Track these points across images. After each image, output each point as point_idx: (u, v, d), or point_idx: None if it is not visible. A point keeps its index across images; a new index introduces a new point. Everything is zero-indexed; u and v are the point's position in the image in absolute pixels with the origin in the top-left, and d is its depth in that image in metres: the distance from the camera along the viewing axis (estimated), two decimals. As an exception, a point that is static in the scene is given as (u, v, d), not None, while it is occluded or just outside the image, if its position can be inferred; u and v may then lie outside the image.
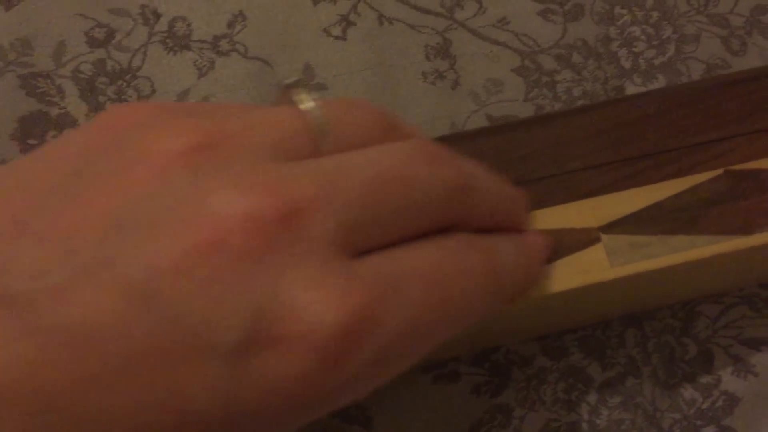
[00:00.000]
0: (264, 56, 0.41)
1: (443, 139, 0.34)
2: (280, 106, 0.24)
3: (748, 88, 0.35)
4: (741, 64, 0.44)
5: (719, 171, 0.33)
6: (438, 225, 0.25)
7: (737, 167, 0.33)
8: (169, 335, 0.19)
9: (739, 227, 0.32)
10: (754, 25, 0.45)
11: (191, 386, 0.19)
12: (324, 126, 0.23)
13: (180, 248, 0.19)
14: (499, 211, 0.28)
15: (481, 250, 0.25)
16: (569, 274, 0.31)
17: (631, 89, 0.43)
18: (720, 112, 0.34)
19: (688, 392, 0.38)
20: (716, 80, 0.35)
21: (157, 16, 0.42)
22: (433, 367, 0.38)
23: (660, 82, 0.43)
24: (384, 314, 0.22)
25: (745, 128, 0.34)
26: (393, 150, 0.24)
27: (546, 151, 0.33)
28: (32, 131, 0.39)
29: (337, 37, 0.43)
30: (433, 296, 0.23)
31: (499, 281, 0.26)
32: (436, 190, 0.24)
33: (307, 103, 0.24)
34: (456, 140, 0.34)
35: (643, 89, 0.43)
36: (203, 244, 0.19)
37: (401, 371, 0.25)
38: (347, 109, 0.25)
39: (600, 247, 0.32)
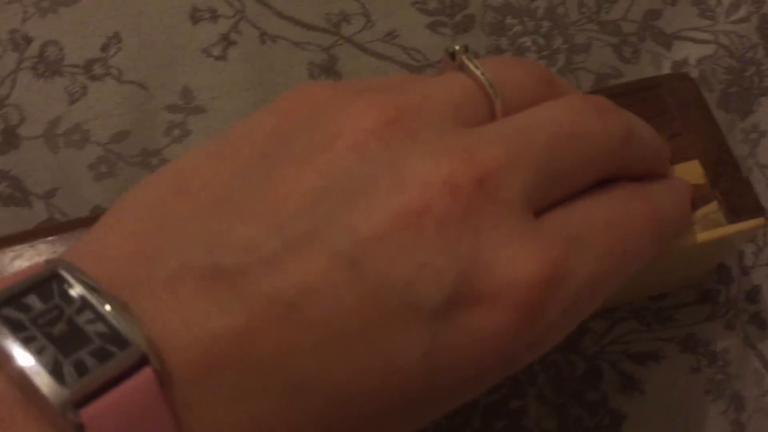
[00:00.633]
0: (139, 80, 0.40)
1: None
2: (450, 73, 0.25)
3: (628, 101, 0.34)
4: (633, 72, 0.44)
5: None
6: (606, 175, 0.26)
7: None
8: (375, 299, 0.20)
9: None
10: (647, 31, 0.44)
11: (396, 348, 0.20)
12: (495, 88, 0.24)
13: (383, 216, 0.20)
14: (654, 157, 0.28)
15: (643, 196, 0.26)
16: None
17: (518, 102, 0.42)
18: None
19: (575, 410, 0.37)
20: (599, 93, 0.34)
21: (28, 40, 0.41)
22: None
23: (547, 94, 0.42)
24: (573, 266, 0.23)
25: None
26: (566, 106, 0.25)
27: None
28: None
29: (217, 57, 0.42)
30: (611, 245, 0.24)
31: (661, 225, 0.27)
32: (609, 143, 0.25)
33: (476, 67, 0.25)
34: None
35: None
36: (405, 211, 0.21)
37: (584, 319, 0.26)
38: (512, 68, 0.26)
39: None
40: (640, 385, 0.37)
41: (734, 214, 0.32)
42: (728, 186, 0.33)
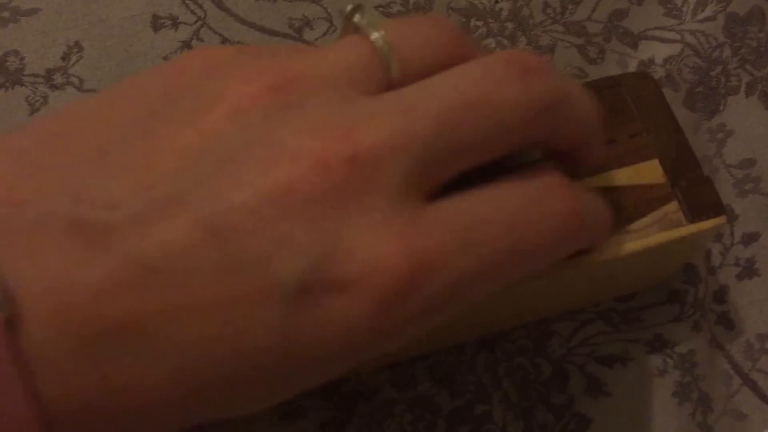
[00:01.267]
0: (100, 88, 0.40)
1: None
2: (346, 37, 0.24)
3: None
4: (598, 73, 0.44)
5: None
6: (525, 144, 0.24)
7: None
8: (232, 271, 0.20)
9: None
10: (612, 31, 0.44)
11: (248, 322, 0.20)
12: (391, 51, 0.23)
13: (250, 188, 0.20)
14: (587, 128, 0.26)
15: (565, 196, 0.24)
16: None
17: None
18: None
19: (541, 414, 0.37)
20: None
21: (-12, 51, 0.41)
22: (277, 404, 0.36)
23: (511, 96, 0.42)
24: (445, 261, 0.22)
25: None
26: (479, 69, 0.23)
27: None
28: None
29: (178, 65, 0.41)
30: (505, 245, 0.23)
31: (576, 232, 0.25)
32: (527, 109, 0.23)
33: (370, 28, 0.23)
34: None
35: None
36: (273, 185, 0.20)
37: (453, 314, 0.24)
38: (415, 27, 0.24)
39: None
40: (607, 388, 0.37)
41: (695, 213, 0.32)
42: (688, 185, 0.32)
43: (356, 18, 0.24)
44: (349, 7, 0.24)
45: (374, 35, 0.23)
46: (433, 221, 0.22)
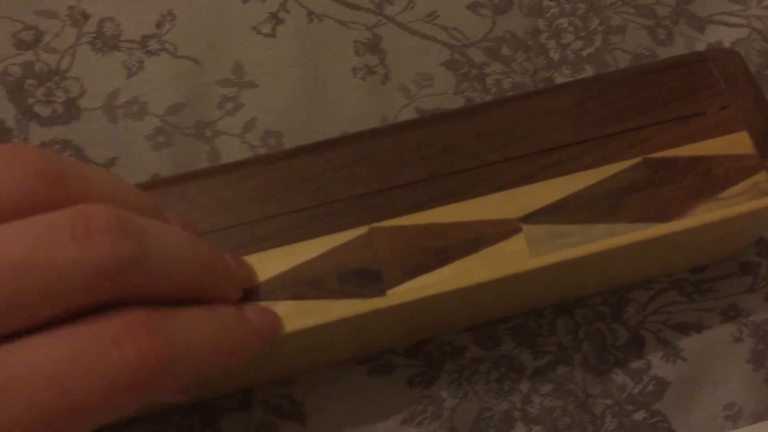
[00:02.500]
0: (193, 55, 0.41)
1: (362, 135, 0.34)
2: None
3: (663, 78, 0.35)
4: (668, 54, 0.45)
5: (637, 160, 0.34)
6: (90, 306, 0.22)
7: (655, 155, 0.34)
8: None
9: (657, 214, 0.33)
10: (681, 15, 0.46)
11: None
12: None
13: None
14: (189, 284, 0.25)
15: (144, 336, 0.22)
16: (491, 266, 0.32)
17: (560, 81, 0.43)
18: (636, 102, 0.34)
19: (619, 378, 0.38)
20: (632, 71, 0.35)
21: (86, 17, 0.42)
22: (368, 359, 0.38)
23: (588, 73, 0.44)
24: None
25: (660, 117, 0.34)
26: (36, 224, 0.21)
27: (465, 144, 0.34)
28: (-41, 135, 0.39)
29: (266, 35, 0.43)
30: (43, 402, 0.21)
31: (160, 374, 0.22)
32: (87, 272, 0.21)
33: None
34: (377, 135, 0.34)
35: (571, 80, 0.43)
36: None
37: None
38: None
39: (521, 238, 0.32)
40: (684, 354, 0.38)
41: None
42: None
43: None
44: None
45: None
46: None
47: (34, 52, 0.41)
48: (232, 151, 0.40)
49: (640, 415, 0.38)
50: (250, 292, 0.31)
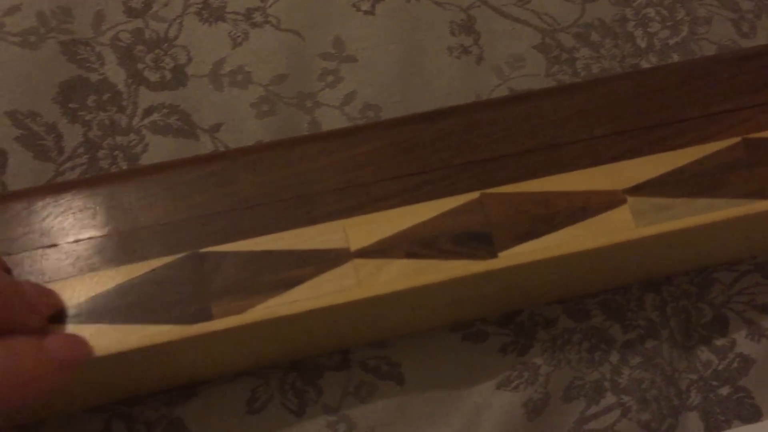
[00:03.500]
0: (296, 28, 0.43)
1: (475, 106, 0.35)
2: None
3: (760, 63, 0.36)
4: (750, 46, 0.46)
5: (737, 139, 0.35)
6: None
7: (755, 135, 0.35)
8: None
9: (756, 192, 0.34)
10: (763, 9, 0.47)
11: None
12: None
13: None
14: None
15: None
16: (598, 234, 0.33)
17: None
18: (735, 84, 0.36)
19: (704, 354, 0.39)
20: (731, 55, 0.37)
21: (193, -12, 0.43)
22: (460, 327, 0.39)
23: (675, 62, 0.45)
24: None
25: (758, 99, 0.35)
26: None
27: (573, 118, 0.35)
28: (73, 96, 0.40)
29: (366, 12, 0.44)
30: None
31: None
32: None
33: None
34: (486, 107, 0.35)
35: (674, 62, 0.45)
36: None
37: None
38: None
39: (626, 209, 0.34)
40: (767, 332, 0.39)
41: None
42: None
43: None
44: None
45: None
46: None
47: (143, 19, 0.42)
48: (332, 121, 0.41)
49: (724, 391, 0.39)
50: (364, 252, 0.32)
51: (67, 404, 0.36)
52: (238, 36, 0.43)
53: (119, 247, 0.32)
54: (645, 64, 0.45)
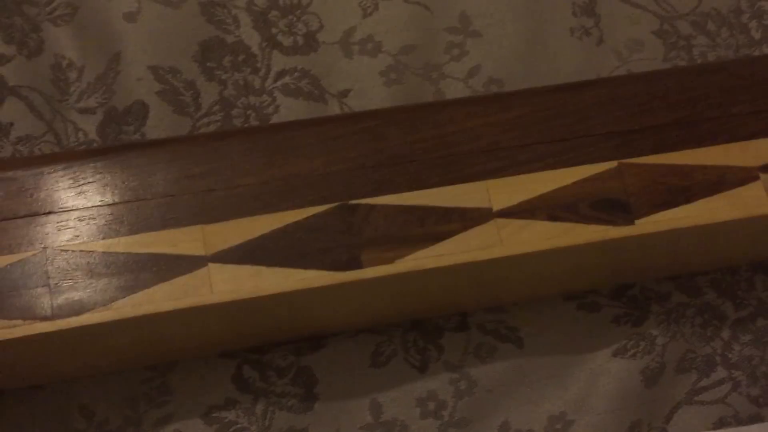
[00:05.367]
0: (424, 2, 0.44)
1: (618, 80, 0.36)
2: None
3: None
4: None
5: None
6: None
7: None
8: None
9: None
10: None
11: None
12: None
13: None
14: None
15: None
16: (733, 206, 0.34)
17: (761, 57, 0.46)
18: None
19: (813, 336, 0.40)
20: None
21: (326, -43, 0.45)
22: (574, 296, 0.40)
23: (789, 53, 0.46)
24: None
25: None
26: None
27: (711, 95, 0.36)
28: (210, 55, 0.42)
29: (491, -11, 0.45)
30: None
31: None
32: None
33: None
34: (628, 82, 0.37)
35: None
36: None
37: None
38: None
39: (759, 185, 0.35)
40: None
41: None
42: None
43: None
44: None
45: None
46: None
47: (277, -14, 0.44)
48: (456, 93, 0.43)
49: (832, 372, 0.40)
50: (506, 212, 0.33)
51: (199, 348, 0.38)
52: (368, 6, 0.44)
53: (276, 194, 0.33)
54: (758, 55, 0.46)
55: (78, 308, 0.31)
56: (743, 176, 0.34)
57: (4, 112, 0.40)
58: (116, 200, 0.32)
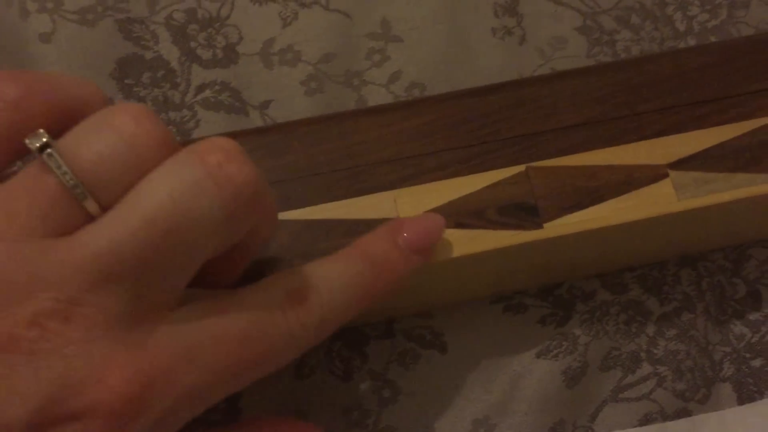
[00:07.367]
0: (344, 9, 0.44)
1: (522, 82, 0.37)
2: (35, 170, 0.24)
3: None
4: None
5: None
6: (235, 240, 0.26)
7: None
8: None
9: None
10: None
11: None
12: (84, 187, 0.24)
13: None
14: (272, 213, 0.29)
15: (299, 305, 0.28)
16: (641, 206, 0.34)
17: (686, 49, 0.46)
18: None
19: (738, 328, 0.41)
20: (771, 36, 0.38)
21: (244, -31, 0.45)
22: (501, 298, 0.40)
23: (713, 44, 0.46)
24: (169, 380, 0.24)
25: None
26: (172, 177, 0.24)
27: (618, 94, 0.36)
28: (129, 72, 0.42)
29: (411, -6, 0.45)
30: (234, 360, 0.26)
31: (312, 333, 0.28)
32: (231, 204, 0.25)
33: (57, 169, 0.23)
34: (533, 83, 0.36)
35: (718, 41, 0.46)
36: None
37: (200, 413, 0.27)
38: (112, 145, 0.24)
39: (668, 182, 0.35)
40: (801, 308, 0.41)
41: None
42: None
43: (44, 157, 0.24)
44: (38, 143, 0.24)
45: (62, 170, 0.23)
46: (160, 341, 0.25)
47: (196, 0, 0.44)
48: (378, 99, 0.43)
49: (757, 363, 0.40)
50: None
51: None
52: (288, 16, 0.44)
53: None
54: (684, 47, 0.46)
55: None
56: (652, 174, 0.35)
57: None
58: None
